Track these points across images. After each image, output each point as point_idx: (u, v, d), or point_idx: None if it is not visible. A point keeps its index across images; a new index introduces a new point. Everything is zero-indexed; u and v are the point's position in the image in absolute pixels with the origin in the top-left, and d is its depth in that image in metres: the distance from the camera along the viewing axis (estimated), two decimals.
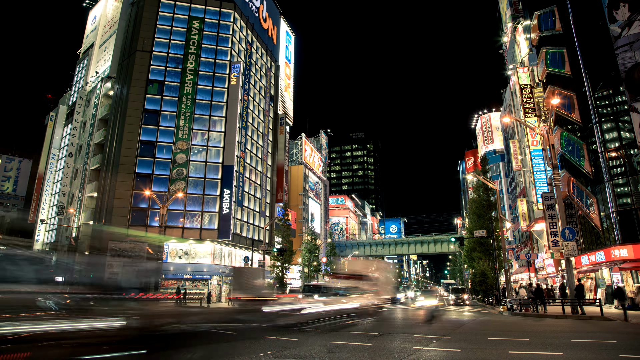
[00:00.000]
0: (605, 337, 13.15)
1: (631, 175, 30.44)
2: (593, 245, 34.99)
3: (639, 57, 30.03)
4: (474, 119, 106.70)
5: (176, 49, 57.44)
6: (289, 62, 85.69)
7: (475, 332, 15.08)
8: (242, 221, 59.44)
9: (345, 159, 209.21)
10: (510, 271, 44.90)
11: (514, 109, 60.10)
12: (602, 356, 9.54)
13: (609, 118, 32.43)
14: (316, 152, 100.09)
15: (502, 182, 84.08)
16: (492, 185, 45.32)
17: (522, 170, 59.19)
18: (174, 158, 53.16)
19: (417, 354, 9.56)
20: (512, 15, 60.85)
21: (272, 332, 13.84)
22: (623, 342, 12.12)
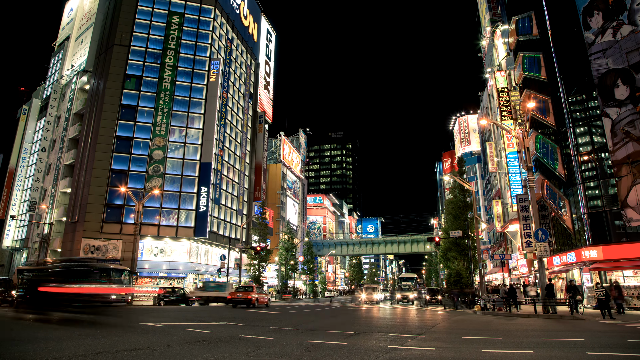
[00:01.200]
0: (574, 336, 13.53)
1: (602, 179, 31.29)
2: (565, 247, 35.86)
3: (611, 63, 30.87)
4: (452, 120, 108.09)
5: (155, 44, 56.73)
6: (269, 60, 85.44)
7: (449, 331, 15.32)
8: (219, 219, 59.08)
9: (324, 158, 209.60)
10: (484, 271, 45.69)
11: (491, 111, 61.10)
12: (570, 354, 9.82)
13: (582, 122, 33.27)
14: (295, 151, 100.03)
15: (478, 184, 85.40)
16: (468, 186, 46.00)
17: (497, 172, 60.21)
18: (151, 154, 52.52)
19: (392, 353, 9.69)
20: (491, 20, 61.80)
21: (248, 331, 13.84)
22: (591, 340, 12.49)
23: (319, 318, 21.37)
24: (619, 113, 30.00)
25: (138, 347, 9.45)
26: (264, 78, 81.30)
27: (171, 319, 18.25)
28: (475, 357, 9.26)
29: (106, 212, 49.87)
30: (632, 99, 29.42)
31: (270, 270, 69.09)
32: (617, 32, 30.85)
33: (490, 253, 62.05)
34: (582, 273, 32.96)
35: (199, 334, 12.68)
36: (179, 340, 10.91)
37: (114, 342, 10.25)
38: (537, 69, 39.87)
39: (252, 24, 76.93)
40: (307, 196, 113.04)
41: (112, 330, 13.17)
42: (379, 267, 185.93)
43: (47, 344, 9.35)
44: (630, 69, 29.85)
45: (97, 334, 11.98)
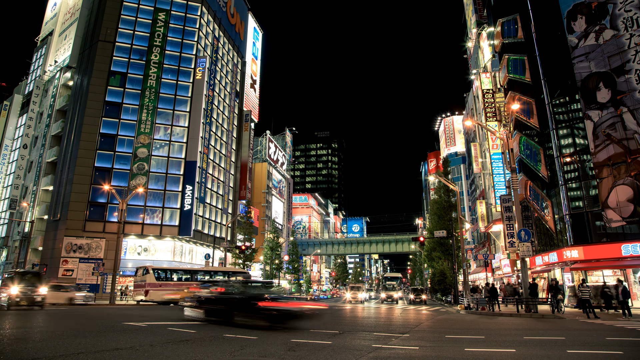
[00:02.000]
0: (555, 334, 13.72)
1: (584, 180, 31.76)
2: (547, 247, 36.34)
3: (593, 67, 31.33)
4: (438, 121, 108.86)
5: (140, 41, 56.18)
6: (256, 58, 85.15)
7: (433, 330, 15.42)
8: (204, 218, 58.75)
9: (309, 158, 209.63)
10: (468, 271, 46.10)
11: (476, 112, 61.63)
12: (551, 352, 9.96)
13: (565, 124, 33.73)
14: (281, 150, 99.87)
15: (463, 184, 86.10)
16: (453, 186, 46.36)
17: (482, 172, 60.77)
18: (135, 152, 52.01)
19: (376, 352, 9.73)
20: (477, 22, 62.31)
21: (232, 330, 13.78)
22: (571, 338, 12.68)
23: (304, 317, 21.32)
24: (601, 116, 30.48)
25: (120, 347, 9.35)
26: (250, 76, 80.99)
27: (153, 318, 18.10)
28: (458, 356, 9.34)
29: (89, 210, 49.25)
30: (614, 102, 29.91)
31: (255, 270, 68.87)
32: (600, 36, 31.33)
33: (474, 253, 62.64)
34: (563, 273, 33.43)
35: (183, 333, 12.58)
36: (162, 340, 10.82)
37: (96, 342, 10.13)
38: (521, 71, 40.32)
39: (239, 22, 76.61)
40: (292, 195, 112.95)
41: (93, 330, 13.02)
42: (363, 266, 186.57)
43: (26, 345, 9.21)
44: (611, 72, 30.34)
45: (78, 333, 11.83)
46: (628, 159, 28.82)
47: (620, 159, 29.25)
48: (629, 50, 29.70)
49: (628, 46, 29.78)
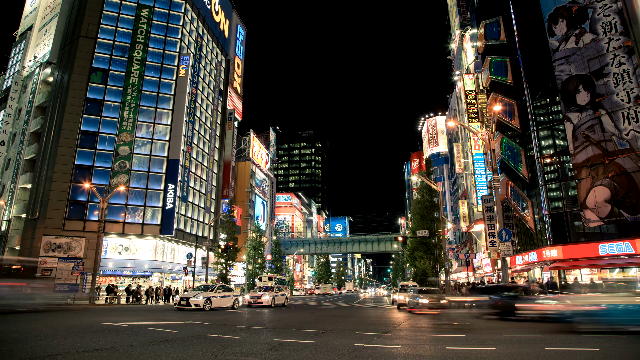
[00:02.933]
0: (534, 332, 13.93)
1: (563, 181, 32.31)
2: (527, 246, 36.86)
3: (574, 70, 31.86)
4: (421, 121, 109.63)
5: (123, 37, 55.47)
6: (240, 57, 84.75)
7: (415, 329, 15.53)
8: (187, 217, 58.31)
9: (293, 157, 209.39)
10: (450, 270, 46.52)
11: (459, 113, 62.22)
12: (530, 350, 10.12)
13: (546, 126, 34.25)
14: (264, 149, 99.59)
15: (445, 184, 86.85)
16: (435, 186, 46.72)
17: (464, 173, 61.37)
18: (117, 150, 51.37)
19: (358, 351, 9.77)
20: (460, 23, 62.90)
21: (214, 330, 13.71)
22: (550, 336, 12.90)
23: (287, 317, 21.34)
24: (580, 118, 31.01)
25: (99, 348, 9.24)
26: (234, 75, 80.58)
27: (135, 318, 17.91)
28: (440, 355, 9.43)
29: (69, 209, 48.48)
30: (592, 105, 30.46)
31: (237, 269, 68.57)
32: (580, 39, 31.87)
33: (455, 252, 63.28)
34: (542, 272, 33.95)
35: (164, 333, 12.48)
36: (143, 340, 10.71)
37: (74, 342, 9.99)
38: (504, 73, 40.81)
39: (224, 20, 76.15)
40: (275, 194, 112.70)
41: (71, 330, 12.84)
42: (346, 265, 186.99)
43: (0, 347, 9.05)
44: (591, 75, 30.89)
45: (56, 334, 11.65)
46: (606, 161, 29.38)
47: (598, 161, 29.81)
48: (607, 54, 30.27)
49: (607, 50, 30.35)
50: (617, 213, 28.50)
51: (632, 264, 27.75)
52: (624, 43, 29.62)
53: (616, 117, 29.29)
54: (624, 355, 9.23)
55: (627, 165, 28.45)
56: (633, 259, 27.06)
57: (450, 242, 71.96)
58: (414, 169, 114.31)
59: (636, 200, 27.80)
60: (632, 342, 11.40)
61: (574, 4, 32.63)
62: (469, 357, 9.03)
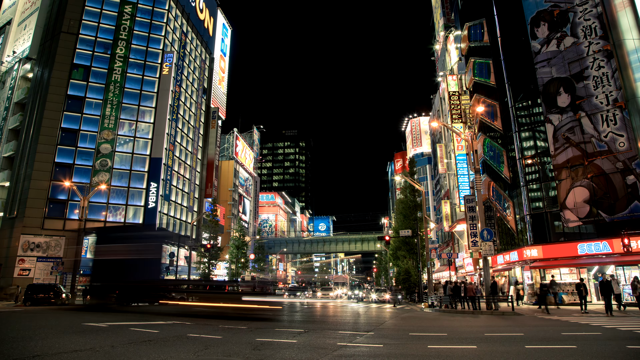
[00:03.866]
0: (515, 331, 14.13)
1: (544, 182, 32.80)
2: (508, 246, 37.33)
3: (555, 72, 32.35)
4: (405, 122, 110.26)
5: (105, 34, 54.69)
6: (224, 55, 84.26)
7: (397, 328, 15.62)
8: (169, 216, 57.76)
9: (277, 156, 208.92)
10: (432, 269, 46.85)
11: (442, 114, 62.72)
12: (511, 348, 10.25)
13: (527, 127, 34.74)
14: (248, 148, 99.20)
15: (428, 184, 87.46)
16: (418, 186, 47.04)
17: (447, 173, 61.88)
18: (98, 148, 50.67)
19: (341, 351, 9.79)
20: (444, 25, 63.38)
21: (196, 330, 13.63)
22: (529, 334, 13.08)
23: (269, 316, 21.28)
24: (561, 120, 31.51)
25: (79, 349, 9.11)
26: (218, 73, 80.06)
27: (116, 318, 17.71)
28: (422, 353, 9.50)
29: (48, 208, 47.65)
30: (573, 107, 30.97)
31: (220, 268, 68.21)
32: (561, 42, 32.37)
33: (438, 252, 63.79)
34: (523, 271, 34.41)
35: (146, 333, 12.36)
36: (124, 341, 10.60)
37: (53, 343, 9.84)
38: (487, 74, 41.27)
39: (208, 18, 75.58)
40: (259, 194, 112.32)
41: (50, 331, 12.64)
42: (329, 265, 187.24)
43: None
44: (571, 78, 31.40)
45: (34, 335, 11.46)
46: (585, 162, 29.90)
47: (578, 162, 30.32)
48: (587, 57, 30.79)
49: (587, 53, 30.87)
50: (595, 213, 29.03)
51: (609, 263, 28.30)
52: (603, 47, 30.17)
53: (595, 119, 29.82)
54: (600, 352, 9.41)
55: (606, 166, 28.99)
56: (610, 258, 27.61)
57: (433, 241, 72.49)
58: (397, 169, 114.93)
59: (614, 201, 28.35)
60: (608, 340, 11.62)
61: (555, 7, 33.13)
62: (450, 356, 9.12)
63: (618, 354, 9.40)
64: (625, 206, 27.89)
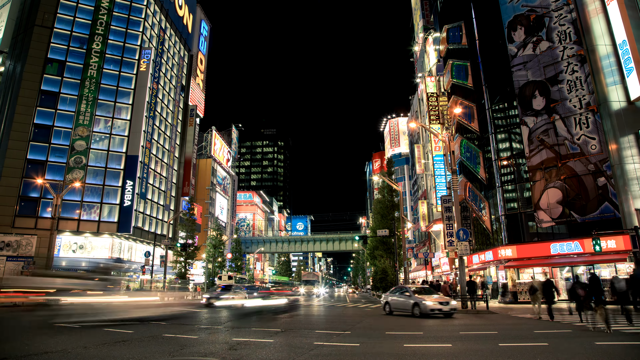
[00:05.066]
0: (489, 329, 14.34)
1: (519, 183, 33.38)
2: (483, 246, 37.88)
3: (530, 76, 32.94)
4: (383, 122, 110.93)
5: (81, 28, 53.65)
6: (203, 53, 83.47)
7: (374, 327, 15.70)
8: (145, 214, 56.99)
9: (255, 155, 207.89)
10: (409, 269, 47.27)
11: (421, 115, 63.27)
12: (485, 346, 10.40)
13: (503, 129, 35.29)
14: (226, 147, 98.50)
15: (406, 184, 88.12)
16: (396, 187, 47.37)
17: (424, 173, 62.44)
18: (73, 145, 49.68)
19: (318, 350, 9.79)
20: (423, 27, 63.94)
21: (172, 330, 13.47)
22: (503, 332, 13.30)
23: (247, 315, 21.19)
24: (536, 122, 32.11)
25: (50, 350, 8.92)
26: (197, 70, 79.24)
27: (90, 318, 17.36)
28: (398, 352, 9.57)
29: (19, 205, 46.54)
30: (547, 110, 31.59)
31: (197, 268, 67.53)
32: (537, 47, 32.97)
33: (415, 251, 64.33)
34: (498, 270, 34.97)
35: (120, 334, 12.18)
36: (97, 342, 10.41)
37: (22, 345, 9.61)
38: (464, 76, 41.79)
39: (187, 15, 74.74)
40: (237, 192, 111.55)
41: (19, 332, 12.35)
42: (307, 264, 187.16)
43: None
44: (546, 81, 32.01)
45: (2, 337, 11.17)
46: (559, 164, 30.53)
47: (552, 164, 30.94)
48: (562, 61, 31.44)
49: (561, 58, 31.52)
50: (568, 214, 29.67)
51: (580, 263, 28.96)
52: (577, 52, 30.85)
53: (569, 122, 30.47)
54: (570, 349, 9.63)
55: (578, 168, 29.65)
56: (581, 258, 28.26)
57: (410, 241, 73.11)
58: (375, 169, 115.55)
59: (585, 202, 29.02)
60: (578, 337, 11.88)
61: (532, 12, 33.73)
62: (426, 355, 9.20)
63: (587, 350, 9.63)
64: (596, 207, 28.58)
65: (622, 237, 26.33)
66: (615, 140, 28.18)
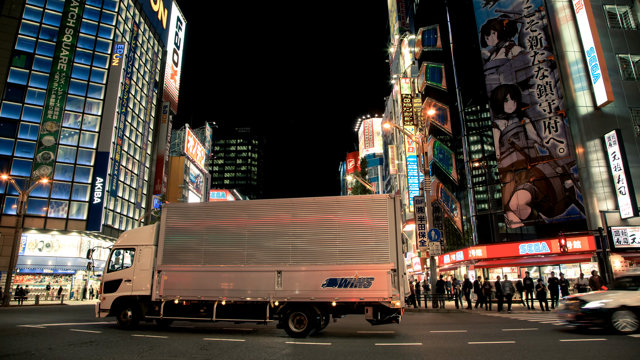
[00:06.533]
0: (458, 328, 14.57)
1: (489, 184, 33.99)
2: (455, 246, 38.46)
3: (503, 80, 33.57)
4: (358, 122, 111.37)
5: (51, 20, 52.25)
6: (178, 48, 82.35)
7: (346, 326, 15.79)
8: (115, 212, 55.92)
9: (229, 153, 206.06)
10: None
11: (395, 116, 63.80)
12: (454, 344, 10.56)
13: (476, 132, 35.87)
14: (200, 144, 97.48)
15: (379, 185, 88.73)
16: (369, 187, 47.65)
17: (398, 174, 62.99)
18: (41, 140, 48.38)
19: (290, 349, 9.78)
20: (399, 29, 64.48)
21: (142, 330, 13.26)
22: (472, 331, 13.53)
23: None
24: (507, 125, 32.75)
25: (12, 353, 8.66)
26: (171, 67, 78.14)
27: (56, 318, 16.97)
28: (369, 350, 9.64)
29: None
30: (518, 113, 32.25)
31: None
32: (509, 51, 33.63)
33: None
34: (468, 270, 35.55)
35: (87, 334, 11.92)
36: (63, 343, 10.17)
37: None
38: (438, 79, 42.33)
39: (162, 10, 73.60)
40: (210, 191, 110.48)
41: None
42: None
43: None
44: (518, 85, 32.68)
45: None
46: (528, 166, 31.22)
47: (521, 166, 31.61)
48: (533, 66, 32.15)
49: (532, 63, 32.23)
50: (536, 215, 30.36)
51: (547, 263, 29.67)
52: (547, 57, 31.58)
53: (538, 125, 31.19)
54: (536, 346, 9.86)
55: (547, 171, 30.38)
56: (548, 258, 28.97)
57: None
58: (349, 169, 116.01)
59: (553, 203, 29.75)
60: (544, 334, 12.17)
61: (505, 17, 34.38)
62: (397, 353, 9.29)
63: (552, 347, 9.87)
64: (563, 209, 29.33)
65: (587, 237, 27.10)
66: (582, 144, 28.97)
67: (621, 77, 29.90)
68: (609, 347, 9.76)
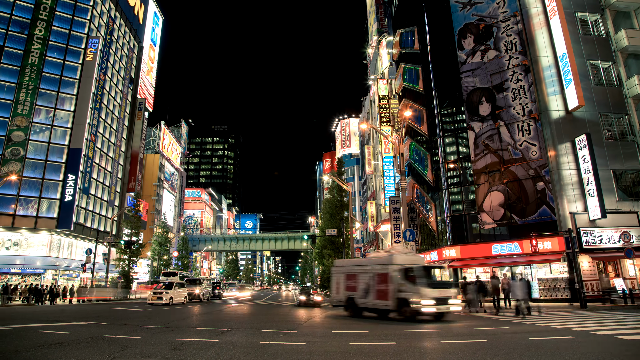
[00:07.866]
0: (432, 327, 14.74)
1: (464, 185, 34.46)
2: (429, 246, 38.86)
3: (478, 83, 34.05)
4: (335, 122, 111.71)
5: (23, 12, 50.91)
6: (155, 44, 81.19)
7: (320, 326, 15.79)
8: (88, 210, 54.80)
9: (205, 152, 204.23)
10: None
11: (372, 117, 64.12)
12: (427, 343, 10.67)
13: (451, 133, 36.32)
14: (175, 142, 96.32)
15: (356, 185, 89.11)
16: (345, 187, 47.76)
17: (374, 174, 63.33)
18: (10, 135, 47.09)
19: (263, 349, 9.72)
20: (377, 30, 64.77)
21: (113, 330, 13.01)
22: (445, 330, 13.69)
23: (191, 315, 20.81)
24: (482, 127, 33.24)
25: None
26: (147, 63, 76.95)
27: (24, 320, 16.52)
28: (343, 350, 9.65)
29: None
30: (493, 116, 32.78)
31: (141, 266, 65.63)
32: (485, 55, 34.14)
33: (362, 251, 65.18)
34: (442, 270, 35.97)
35: (56, 336, 11.63)
36: (30, 345, 9.89)
37: None
38: (415, 80, 42.69)
39: (139, 5, 72.37)
40: (185, 189, 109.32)
41: None
42: (255, 263, 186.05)
43: None
44: (493, 89, 33.21)
45: None
46: (502, 168, 31.76)
47: (495, 168, 32.13)
48: (507, 70, 32.71)
49: (507, 67, 32.79)
50: (509, 216, 30.91)
51: (518, 263, 30.23)
52: (522, 61, 32.17)
53: (512, 128, 31.75)
54: (507, 344, 10.02)
55: (520, 173, 30.96)
56: (520, 258, 29.51)
57: (358, 241, 73.98)
58: (326, 169, 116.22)
59: (525, 205, 30.33)
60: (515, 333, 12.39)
61: (481, 21, 34.88)
62: (371, 352, 9.32)
63: (521, 345, 10.05)
64: (535, 210, 29.92)
65: (557, 238, 27.70)
66: (554, 147, 29.61)
67: (592, 83, 30.71)
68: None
